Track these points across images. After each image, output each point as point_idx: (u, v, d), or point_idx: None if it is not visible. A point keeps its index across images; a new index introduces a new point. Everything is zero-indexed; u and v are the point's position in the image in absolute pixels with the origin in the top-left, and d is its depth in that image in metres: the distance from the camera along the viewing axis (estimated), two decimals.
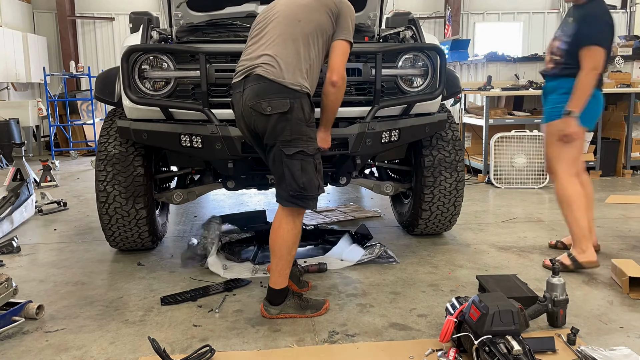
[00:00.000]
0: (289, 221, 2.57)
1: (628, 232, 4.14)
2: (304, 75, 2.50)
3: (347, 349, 2.33)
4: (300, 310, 2.64)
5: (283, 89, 2.44)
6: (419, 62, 3.25)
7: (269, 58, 2.48)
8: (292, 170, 2.47)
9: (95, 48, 12.58)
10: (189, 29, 3.82)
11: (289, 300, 2.64)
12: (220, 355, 2.28)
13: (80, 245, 4.00)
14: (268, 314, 2.63)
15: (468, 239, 3.99)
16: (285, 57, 2.47)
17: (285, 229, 2.56)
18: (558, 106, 3.23)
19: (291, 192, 2.50)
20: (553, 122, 3.27)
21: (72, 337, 2.48)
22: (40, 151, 10.12)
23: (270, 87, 2.44)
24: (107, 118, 3.61)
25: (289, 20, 2.53)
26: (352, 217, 4.65)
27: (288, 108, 2.43)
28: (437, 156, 3.65)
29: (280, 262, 2.60)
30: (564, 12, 13.37)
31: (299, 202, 2.52)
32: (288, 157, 2.46)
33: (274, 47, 2.49)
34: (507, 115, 6.49)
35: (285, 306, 2.63)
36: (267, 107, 2.43)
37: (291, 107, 2.43)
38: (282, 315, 2.62)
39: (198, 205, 5.26)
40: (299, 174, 2.47)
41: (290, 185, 2.48)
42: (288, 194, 2.51)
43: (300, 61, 2.49)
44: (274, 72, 2.45)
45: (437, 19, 13.14)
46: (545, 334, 2.37)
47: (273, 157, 2.52)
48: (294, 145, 2.46)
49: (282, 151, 2.46)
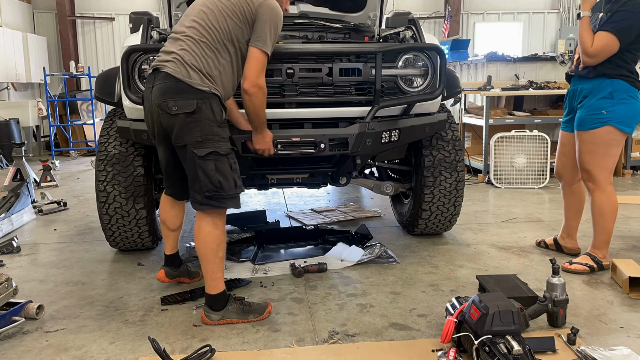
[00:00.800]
0: (208, 223, 2.50)
1: (628, 232, 4.14)
2: (214, 80, 2.46)
3: (347, 349, 2.33)
4: (243, 315, 2.58)
5: (189, 89, 2.40)
6: (419, 62, 3.24)
7: (178, 57, 2.43)
8: (206, 170, 2.42)
9: (95, 48, 12.58)
10: None
11: (230, 305, 2.58)
12: (220, 355, 2.28)
13: (80, 245, 4.00)
14: (209, 320, 2.56)
15: (468, 239, 3.99)
16: (195, 59, 2.43)
17: (205, 231, 2.50)
18: (597, 112, 3.11)
19: (207, 193, 2.44)
20: (594, 130, 3.13)
21: (72, 337, 2.48)
22: (40, 151, 10.12)
23: (176, 86, 2.40)
24: (107, 118, 3.62)
25: (201, 25, 2.49)
26: (352, 217, 4.65)
27: (194, 108, 2.38)
28: (437, 156, 3.66)
29: (208, 265, 2.53)
30: (564, 12, 13.39)
31: (214, 202, 2.46)
32: (201, 158, 2.41)
33: (186, 47, 2.45)
34: (507, 115, 6.49)
35: (227, 311, 2.57)
36: (172, 107, 2.39)
37: (198, 107, 2.39)
38: (224, 321, 2.56)
39: None
40: (214, 174, 2.42)
41: (206, 186, 2.43)
42: (203, 196, 2.45)
43: (210, 66, 2.45)
44: (181, 72, 2.41)
45: (437, 19, 13.15)
46: (545, 334, 2.37)
47: (185, 160, 2.47)
48: (206, 146, 2.41)
49: (194, 153, 2.41)
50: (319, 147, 2.99)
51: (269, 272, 3.26)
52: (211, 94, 2.44)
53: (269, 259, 3.48)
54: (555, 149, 6.81)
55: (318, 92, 3.10)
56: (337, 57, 3.14)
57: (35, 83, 11.49)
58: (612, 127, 3.11)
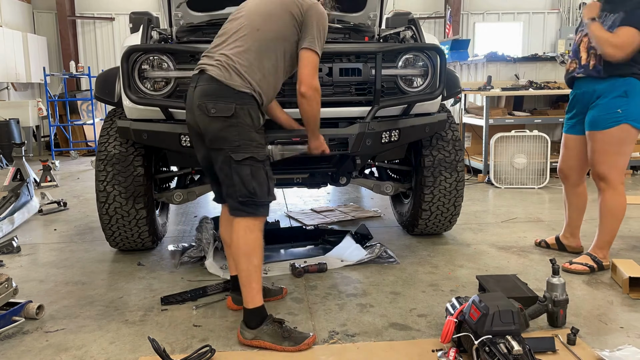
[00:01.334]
0: (242, 227, 2.40)
1: (628, 232, 4.14)
2: (257, 84, 2.43)
3: (347, 349, 2.33)
4: (278, 340, 2.33)
5: (230, 93, 2.38)
6: (419, 62, 3.25)
7: (223, 60, 2.42)
8: (242, 175, 2.37)
9: (95, 48, 12.59)
10: (189, 29, 3.82)
11: (266, 326, 2.36)
12: (220, 355, 2.28)
13: (80, 245, 4.00)
14: (242, 337, 2.38)
15: (468, 239, 3.99)
16: (238, 62, 2.41)
17: (238, 235, 2.40)
18: (612, 111, 3.10)
19: (240, 198, 2.39)
20: (609, 129, 3.12)
21: (72, 337, 2.48)
22: (40, 151, 10.12)
23: (218, 89, 2.39)
24: (107, 118, 3.62)
25: (248, 27, 2.46)
26: (352, 217, 4.65)
27: (232, 113, 2.37)
28: (437, 156, 3.66)
29: (242, 273, 2.40)
30: (564, 12, 13.39)
31: (248, 209, 2.40)
32: (237, 163, 2.37)
33: (231, 50, 2.43)
34: (507, 115, 6.50)
35: (261, 331, 2.35)
36: (211, 109, 2.38)
37: (235, 112, 2.37)
38: (256, 343, 2.34)
39: (198, 205, 5.26)
40: (249, 179, 2.38)
41: (240, 191, 2.39)
42: (237, 201, 2.39)
43: (254, 70, 2.43)
44: (224, 75, 2.40)
45: (437, 19, 13.15)
46: (545, 334, 2.37)
47: (221, 163, 2.43)
48: (243, 150, 2.38)
49: (230, 157, 2.37)
50: None
51: (269, 272, 3.26)
52: (251, 97, 2.42)
53: (269, 259, 3.48)
54: (555, 149, 6.83)
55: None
56: (337, 57, 3.14)
57: (35, 83, 11.49)
58: (628, 125, 3.11)
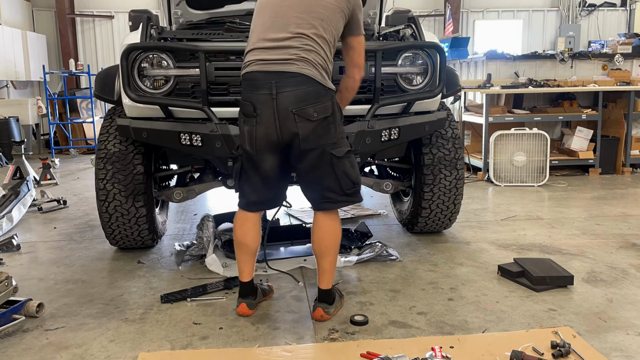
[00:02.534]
0: (335, 218, 2.56)
1: (627, 229, 4.14)
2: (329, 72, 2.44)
3: (346, 347, 2.33)
4: (340, 301, 2.70)
5: (323, 91, 2.35)
6: (419, 60, 3.24)
7: (304, 53, 2.31)
8: (345, 169, 2.44)
9: (95, 46, 12.56)
10: (189, 27, 3.82)
11: (335, 295, 2.66)
12: (220, 352, 2.28)
13: (80, 243, 4.01)
14: (328, 315, 2.57)
15: (468, 237, 3.99)
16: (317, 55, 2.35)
17: (334, 226, 2.55)
18: None
19: (347, 191, 2.47)
20: None
21: (72, 335, 2.49)
22: (40, 149, 10.12)
23: (314, 89, 2.32)
24: (106, 116, 3.61)
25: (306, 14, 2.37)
26: (352, 215, 4.65)
27: (331, 112, 2.38)
28: (437, 154, 3.66)
29: (333, 260, 2.59)
30: (564, 10, 13.38)
31: (353, 198, 2.54)
32: (339, 159, 2.41)
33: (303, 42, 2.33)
34: (506, 113, 6.49)
35: (336, 301, 2.64)
36: (313, 113, 2.31)
37: (333, 110, 2.39)
38: (335, 311, 2.63)
39: (198, 203, 5.26)
40: (351, 171, 2.46)
41: (346, 184, 2.45)
42: (343, 194, 2.47)
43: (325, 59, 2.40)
44: (313, 73, 2.33)
45: (436, 17, 13.13)
46: (545, 333, 2.38)
47: (317, 162, 2.40)
48: (341, 145, 2.43)
49: (332, 154, 2.39)
50: None
51: (269, 270, 3.26)
52: (334, 91, 2.45)
53: (269, 256, 3.48)
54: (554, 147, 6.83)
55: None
56: (336, 55, 3.13)
57: (34, 81, 11.48)
58: None
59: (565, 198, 5.32)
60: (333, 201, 2.50)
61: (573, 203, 5.11)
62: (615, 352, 2.26)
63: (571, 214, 4.68)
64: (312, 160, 2.40)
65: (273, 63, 2.33)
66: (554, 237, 3.95)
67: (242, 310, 2.64)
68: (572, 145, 6.62)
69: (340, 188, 2.46)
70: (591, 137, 6.55)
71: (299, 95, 2.30)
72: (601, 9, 13.49)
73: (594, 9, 13.41)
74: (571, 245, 3.74)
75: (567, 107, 6.73)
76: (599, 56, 7.68)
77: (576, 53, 7.68)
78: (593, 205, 5.04)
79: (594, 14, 13.43)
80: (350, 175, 2.45)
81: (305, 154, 2.40)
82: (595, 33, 13.19)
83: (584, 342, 2.30)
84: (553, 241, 3.86)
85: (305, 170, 2.47)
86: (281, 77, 2.31)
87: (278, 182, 2.62)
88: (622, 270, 3.24)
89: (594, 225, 4.29)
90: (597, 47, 8.88)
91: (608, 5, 13.52)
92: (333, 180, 2.44)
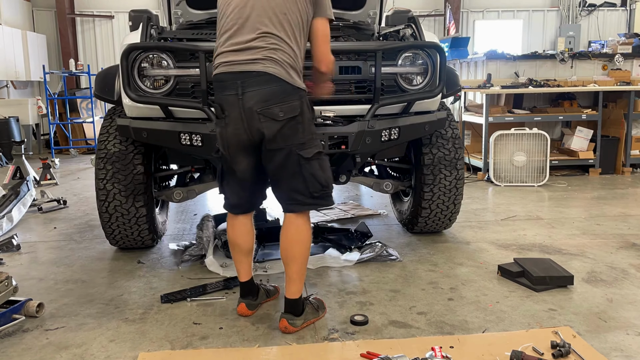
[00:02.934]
0: (306, 222, 2.45)
1: (627, 229, 4.14)
2: (300, 71, 2.36)
3: (346, 347, 2.33)
4: (316, 313, 2.55)
5: (291, 89, 2.29)
6: (419, 60, 3.24)
7: (269, 52, 2.26)
8: (313, 171, 2.35)
9: (95, 46, 12.56)
10: (189, 26, 3.82)
11: (306, 307, 2.53)
12: (220, 352, 2.28)
13: (80, 243, 4.01)
14: (294, 327, 2.44)
15: (468, 237, 3.99)
16: (284, 52, 2.29)
17: (305, 230, 2.44)
18: None
19: (315, 194, 2.38)
20: None
21: (72, 335, 2.49)
22: (40, 149, 10.12)
23: (279, 88, 2.26)
24: (106, 116, 3.61)
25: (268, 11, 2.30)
26: (352, 215, 4.65)
27: (299, 112, 2.30)
28: (437, 154, 3.66)
29: (300, 268, 2.45)
30: (564, 10, 13.38)
31: (322, 201, 2.42)
32: (307, 160, 2.33)
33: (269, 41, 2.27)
34: (506, 113, 6.49)
35: (306, 313, 2.52)
36: (279, 113, 2.26)
37: (301, 110, 2.31)
38: (305, 324, 2.49)
39: (198, 203, 5.26)
40: (320, 173, 2.36)
41: (314, 187, 2.36)
42: (310, 197, 2.38)
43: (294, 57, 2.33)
44: (279, 72, 2.27)
45: (436, 17, 13.13)
46: (544, 333, 2.38)
47: (283, 162, 2.34)
48: (309, 146, 2.34)
49: (299, 155, 2.31)
50: None
51: (269, 270, 3.26)
52: (304, 91, 2.36)
53: (269, 256, 3.48)
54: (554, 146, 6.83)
55: None
56: (336, 55, 3.14)
57: (34, 81, 11.48)
58: None
59: (565, 198, 5.32)
60: (300, 203, 2.41)
61: (573, 203, 5.11)
62: (615, 352, 2.26)
63: (571, 214, 4.68)
64: (280, 160, 2.35)
65: (239, 64, 2.31)
66: (554, 237, 3.95)
67: (241, 311, 2.65)
68: (572, 145, 6.62)
69: (307, 190, 2.37)
70: (591, 137, 6.55)
71: (263, 94, 2.26)
72: (601, 9, 13.50)
73: (594, 9, 13.41)
74: (571, 245, 3.74)
75: (567, 107, 6.73)
76: (599, 56, 7.68)
77: (576, 53, 7.68)
78: (593, 205, 5.04)
79: (594, 14, 13.43)
80: (318, 178, 2.36)
81: (272, 154, 2.36)
82: (596, 33, 13.19)
83: (584, 342, 2.30)
84: (553, 241, 3.86)
85: (273, 171, 2.42)
86: (247, 76, 2.28)
87: (254, 184, 2.55)
88: (622, 270, 3.24)
89: (594, 225, 4.29)
90: (597, 47, 8.88)
91: (608, 5, 13.52)
92: (300, 182, 2.36)
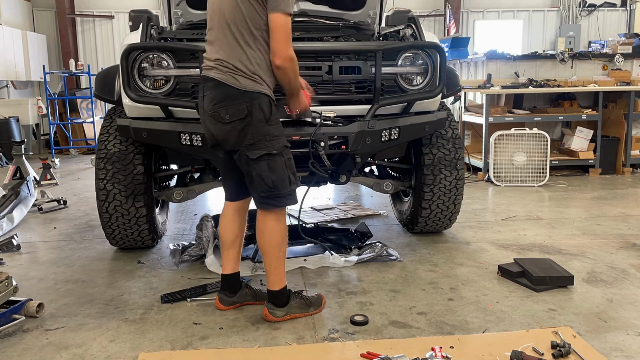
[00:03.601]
0: (272, 218, 2.53)
1: (627, 229, 4.14)
2: (258, 76, 2.40)
3: (346, 347, 2.33)
4: (305, 309, 2.63)
5: (238, 94, 2.38)
6: (419, 60, 3.24)
7: (220, 61, 2.40)
8: (260, 172, 2.42)
9: (95, 46, 12.56)
10: (189, 27, 3.82)
11: (293, 301, 2.61)
12: (220, 352, 2.28)
13: (80, 243, 4.01)
14: (274, 317, 2.56)
15: (468, 237, 3.99)
16: (233, 59, 2.38)
17: (270, 227, 2.53)
18: None
19: (262, 194, 2.45)
20: None
21: (72, 335, 2.49)
22: (40, 149, 10.12)
23: (226, 93, 2.38)
24: (107, 116, 3.61)
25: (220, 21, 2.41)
26: (352, 215, 4.65)
27: (246, 114, 2.38)
28: (437, 154, 3.66)
29: (272, 260, 2.56)
30: (564, 10, 13.38)
31: (271, 201, 2.48)
32: (254, 161, 2.41)
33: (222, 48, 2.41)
34: (506, 113, 6.49)
35: (291, 307, 2.60)
36: (225, 115, 2.39)
37: (249, 111, 2.38)
38: (288, 317, 2.58)
39: (198, 203, 5.26)
40: (267, 174, 2.42)
41: (260, 187, 2.44)
42: (259, 196, 2.48)
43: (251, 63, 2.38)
44: (225, 77, 2.39)
45: (436, 17, 13.13)
46: (544, 333, 2.38)
47: (239, 161, 2.49)
48: (258, 147, 2.40)
49: (247, 155, 2.41)
50: (319, 146, 2.99)
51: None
52: (259, 93, 2.40)
53: None
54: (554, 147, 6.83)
55: (318, 91, 3.09)
56: (336, 56, 3.14)
57: (35, 81, 11.48)
58: None
59: (565, 198, 5.32)
60: (257, 201, 2.52)
61: (573, 203, 5.11)
62: (615, 352, 2.26)
63: (571, 214, 4.68)
64: (237, 159, 2.51)
65: (205, 69, 2.51)
66: (554, 237, 3.95)
67: (216, 304, 2.76)
68: (572, 146, 6.62)
69: (256, 190, 2.48)
70: (591, 137, 6.55)
71: (212, 98, 2.44)
72: (601, 9, 13.49)
73: (594, 9, 13.41)
74: (571, 246, 3.74)
75: (567, 107, 6.73)
76: (599, 56, 7.68)
77: (576, 53, 7.68)
78: (593, 205, 5.04)
79: (594, 14, 13.43)
80: (264, 179, 2.42)
81: (233, 154, 2.51)
82: (596, 33, 13.19)
83: (584, 342, 2.30)
84: (553, 241, 3.86)
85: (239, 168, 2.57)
86: (206, 81, 2.48)
87: (235, 176, 2.67)
88: (622, 270, 3.24)
89: (594, 225, 4.29)
90: (597, 47, 8.88)
91: (608, 5, 13.52)
92: (250, 182, 2.50)
